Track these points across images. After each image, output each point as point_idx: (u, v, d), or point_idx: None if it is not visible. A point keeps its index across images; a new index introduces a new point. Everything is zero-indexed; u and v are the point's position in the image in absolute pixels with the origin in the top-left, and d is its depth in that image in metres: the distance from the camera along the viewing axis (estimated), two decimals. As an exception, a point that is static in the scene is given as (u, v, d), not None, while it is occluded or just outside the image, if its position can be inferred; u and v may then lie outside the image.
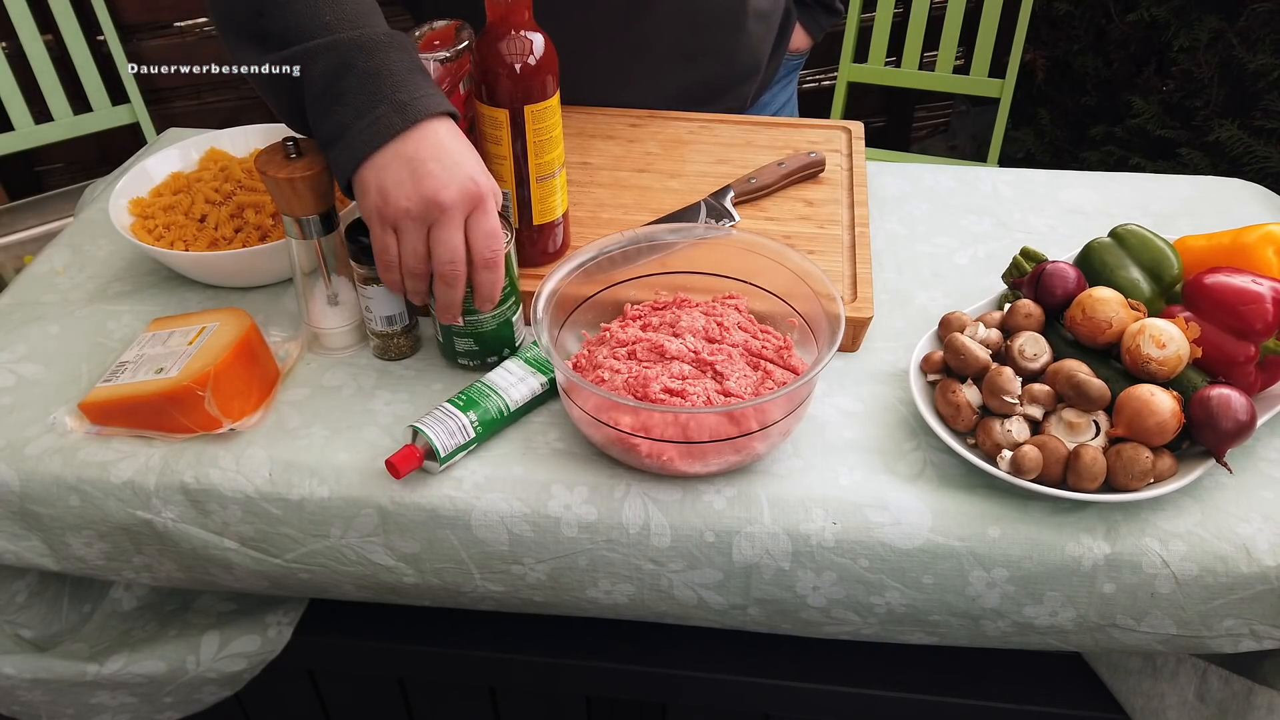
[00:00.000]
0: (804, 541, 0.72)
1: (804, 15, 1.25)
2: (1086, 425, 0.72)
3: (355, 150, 0.70)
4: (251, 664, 0.88)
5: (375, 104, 0.70)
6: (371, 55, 0.71)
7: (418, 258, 0.71)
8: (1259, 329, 0.72)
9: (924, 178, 1.09)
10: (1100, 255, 0.82)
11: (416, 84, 0.71)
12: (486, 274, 0.73)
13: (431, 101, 0.71)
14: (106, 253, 0.97)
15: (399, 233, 0.71)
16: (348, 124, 0.70)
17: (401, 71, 0.71)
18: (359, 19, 0.73)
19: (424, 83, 0.72)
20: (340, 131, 0.70)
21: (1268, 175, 1.85)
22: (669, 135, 1.07)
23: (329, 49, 0.71)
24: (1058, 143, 2.40)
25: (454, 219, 0.70)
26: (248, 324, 0.80)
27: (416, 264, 0.72)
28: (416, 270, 0.72)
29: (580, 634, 0.90)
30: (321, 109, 0.71)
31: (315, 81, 0.71)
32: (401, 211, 0.69)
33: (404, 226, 0.70)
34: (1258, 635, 0.73)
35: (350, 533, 0.75)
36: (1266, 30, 1.84)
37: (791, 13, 1.19)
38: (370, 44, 0.71)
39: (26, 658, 0.83)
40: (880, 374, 0.83)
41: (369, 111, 0.70)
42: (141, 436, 0.77)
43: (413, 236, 0.70)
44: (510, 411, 0.77)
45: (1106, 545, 0.70)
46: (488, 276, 0.73)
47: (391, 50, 0.71)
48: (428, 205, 0.69)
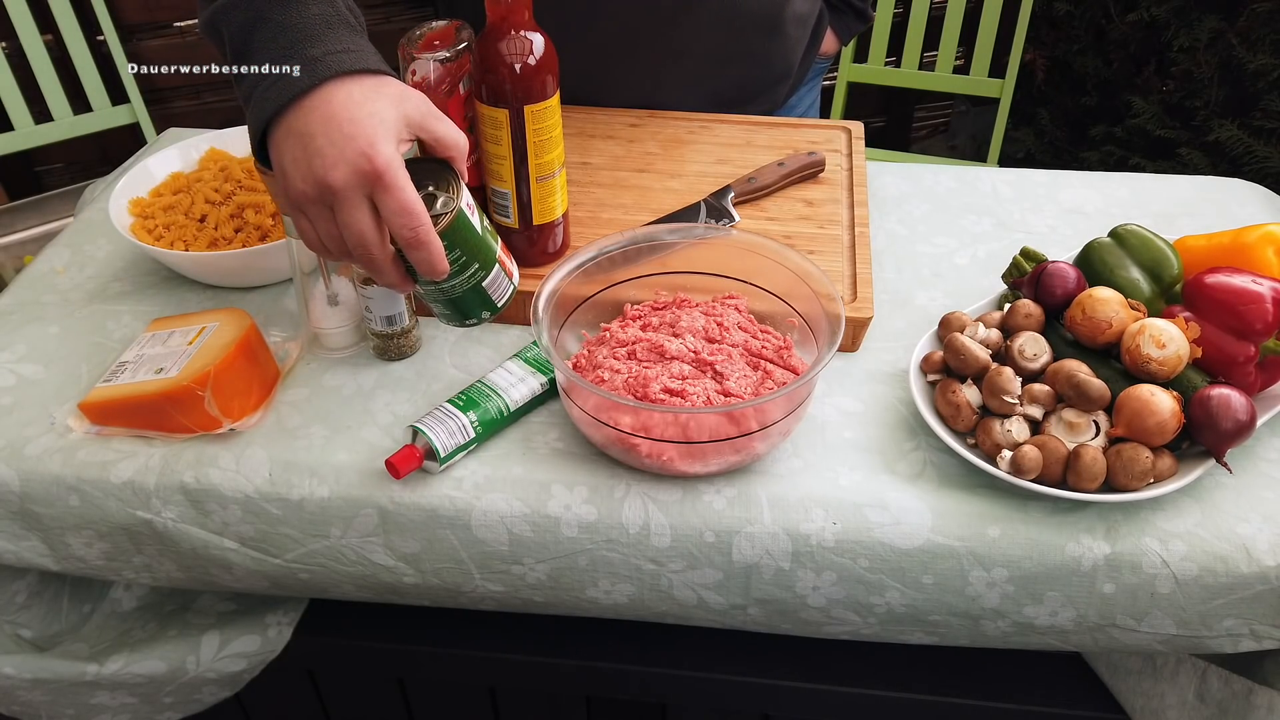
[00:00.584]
0: (804, 541, 0.72)
1: (835, 20, 1.26)
2: (1086, 425, 0.72)
3: (258, 114, 0.64)
4: (251, 664, 0.88)
5: (285, 59, 0.63)
6: (288, 7, 0.64)
7: (333, 240, 0.64)
8: (1259, 329, 0.72)
9: (924, 178, 1.09)
10: (1100, 255, 0.82)
11: (335, 39, 0.64)
12: (415, 253, 0.64)
13: (346, 58, 0.63)
14: (106, 253, 0.97)
15: (306, 216, 0.64)
16: (254, 83, 0.64)
17: (318, 24, 0.64)
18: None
19: (345, 37, 0.65)
20: (248, 93, 0.64)
21: (1268, 175, 1.85)
22: (669, 135, 1.07)
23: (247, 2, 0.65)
24: (1058, 143, 2.40)
25: (350, 200, 0.62)
26: (248, 324, 0.80)
27: (335, 246, 0.64)
28: (338, 252, 0.65)
29: (580, 634, 0.90)
30: (237, 71, 0.66)
31: (233, 38, 0.66)
32: (299, 194, 0.63)
33: (308, 210, 0.64)
34: (1258, 635, 0.73)
35: (350, 533, 0.75)
36: (1266, 30, 1.84)
37: (825, 16, 1.19)
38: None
39: (26, 658, 0.83)
40: (880, 374, 0.83)
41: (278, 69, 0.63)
42: (141, 436, 0.77)
43: (320, 219, 0.64)
44: (510, 412, 0.77)
45: (1106, 545, 0.70)
46: (418, 255, 0.64)
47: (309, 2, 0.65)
48: (320, 188, 0.62)
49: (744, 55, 1.09)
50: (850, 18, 1.29)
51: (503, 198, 0.84)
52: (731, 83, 1.11)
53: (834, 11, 1.25)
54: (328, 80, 0.62)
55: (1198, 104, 2.00)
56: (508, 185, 0.83)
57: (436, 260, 0.65)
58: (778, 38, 1.10)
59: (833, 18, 1.25)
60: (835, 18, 1.26)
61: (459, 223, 0.67)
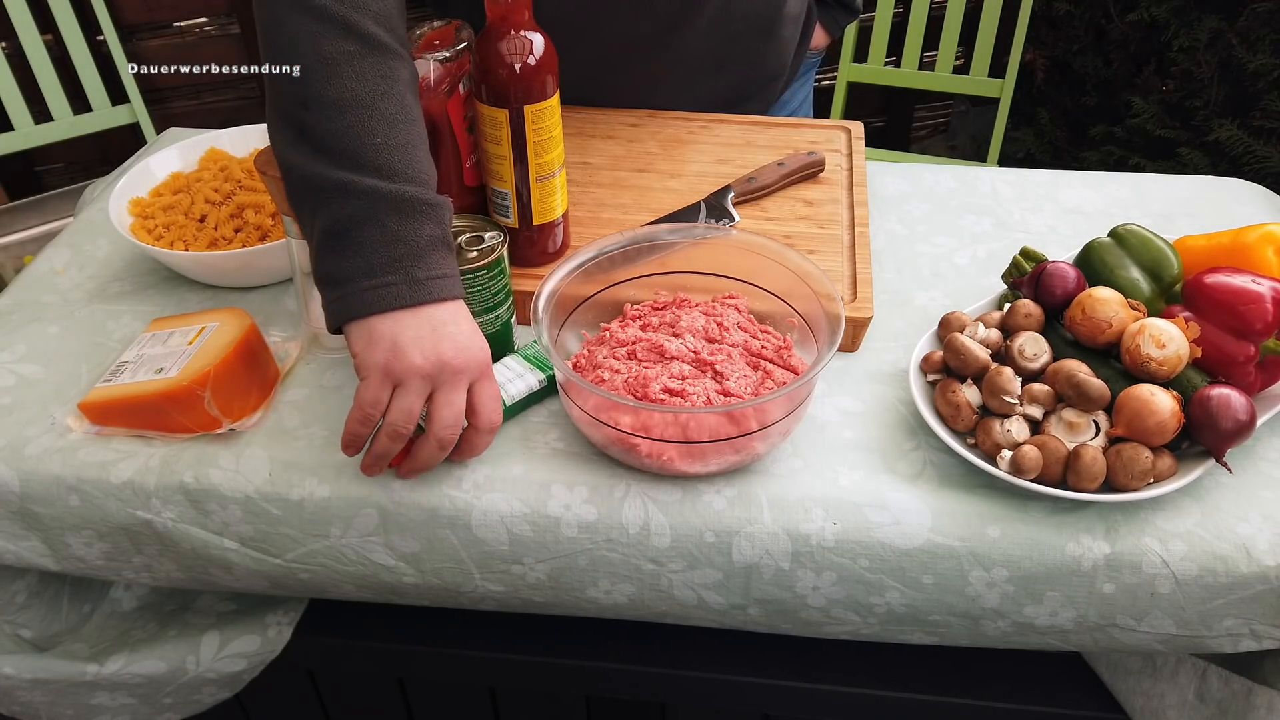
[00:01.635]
0: (804, 541, 0.72)
1: (823, 14, 1.26)
2: (1086, 425, 0.72)
3: (356, 308, 0.67)
4: (251, 664, 0.88)
5: (390, 269, 0.67)
6: (405, 219, 0.67)
7: (409, 417, 0.67)
8: (1259, 329, 0.72)
9: (924, 178, 1.09)
10: (1100, 255, 0.82)
11: (437, 261, 0.68)
12: (487, 436, 0.71)
13: (446, 284, 0.68)
14: (106, 253, 0.97)
15: (399, 389, 0.67)
16: (355, 277, 0.67)
17: (426, 245, 0.68)
18: (405, 157, 0.69)
19: (444, 261, 0.69)
20: (345, 280, 0.67)
21: (1268, 175, 1.85)
22: (669, 135, 1.07)
23: (364, 195, 0.67)
24: (1057, 143, 2.40)
25: (463, 383, 0.68)
26: (248, 324, 0.80)
27: (406, 424, 0.67)
28: (402, 432, 0.68)
29: (580, 634, 0.90)
30: (331, 246, 0.68)
31: (338, 218, 0.67)
32: (414, 369, 0.66)
33: (409, 384, 0.67)
34: (1258, 635, 0.73)
35: (350, 532, 0.75)
36: (1266, 30, 1.84)
37: (813, 11, 1.20)
38: (406, 205, 0.68)
39: (26, 658, 0.83)
40: (880, 374, 0.83)
41: (382, 274, 0.66)
42: (141, 436, 0.77)
43: (413, 395, 0.67)
44: (506, 407, 0.77)
45: (1106, 545, 0.70)
46: (486, 440, 0.71)
47: (425, 219, 0.68)
48: (442, 366, 0.66)
49: (740, 58, 1.09)
50: (838, 11, 1.29)
51: (503, 198, 0.84)
52: (727, 85, 1.11)
53: (822, 6, 1.25)
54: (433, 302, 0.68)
55: (1198, 104, 2.00)
56: (508, 185, 0.83)
57: (482, 449, 0.73)
58: (773, 39, 1.10)
59: (821, 12, 1.25)
60: (823, 12, 1.26)
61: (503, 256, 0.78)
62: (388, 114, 0.68)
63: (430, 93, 0.81)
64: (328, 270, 0.68)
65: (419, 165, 0.70)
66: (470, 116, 0.84)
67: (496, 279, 0.78)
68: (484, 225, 0.80)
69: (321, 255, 0.68)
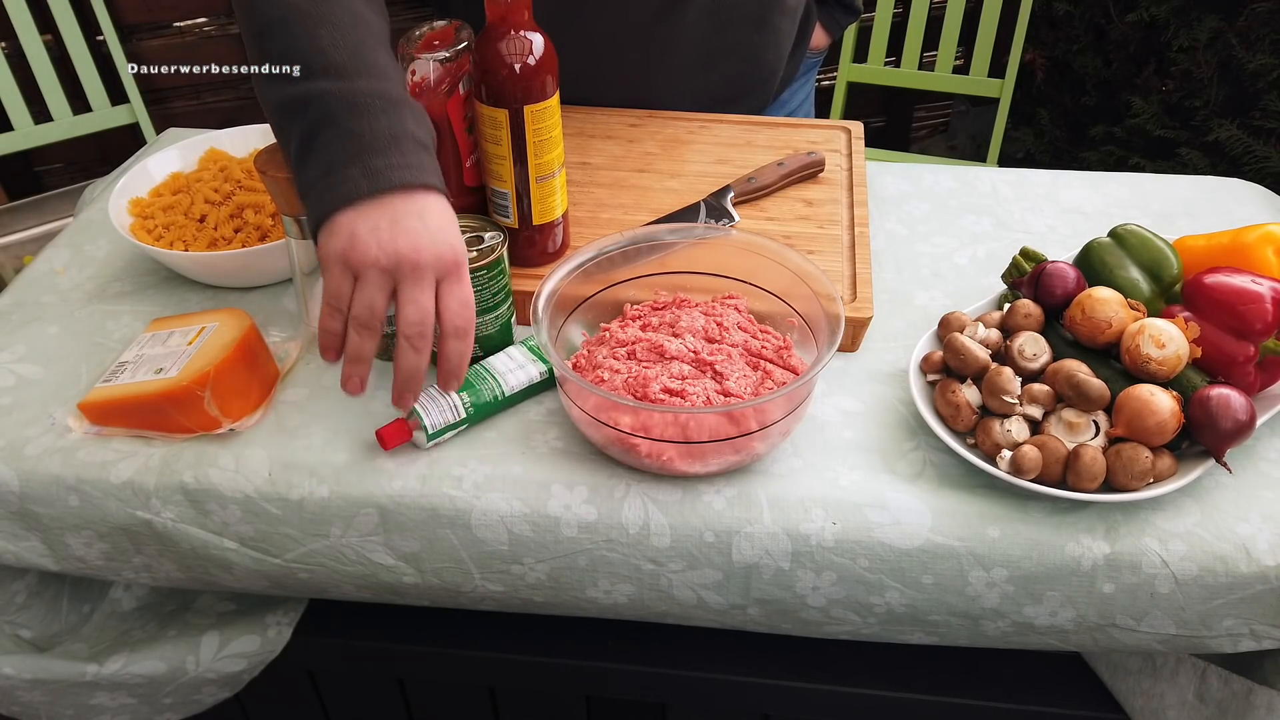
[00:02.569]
0: (804, 541, 0.72)
1: (823, 14, 1.26)
2: (1086, 425, 0.72)
3: (320, 208, 0.66)
4: (251, 664, 0.88)
5: (347, 164, 0.65)
6: (360, 116, 0.66)
7: (372, 311, 0.65)
8: (1259, 329, 0.72)
9: (924, 178, 1.09)
10: (1100, 255, 0.82)
11: (400, 152, 0.66)
12: (456, 343, 0.66)
13: (408, 173, 0.66)
14: (106, 253, 0.97)
15: (359, 281, 0.65)
16: (316, 181, 0.66)
17: (384, 136, 0.66)
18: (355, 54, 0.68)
19: (409, 152, 0.67)
20: (310, 187, 0.67)
21: (1268, 175, 1.85)
22: (668, 135, 1.07)
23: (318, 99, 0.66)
24: (1057, 143, 2.40)
25: (425, 278, 0.64)
26: (247, 324, 0.80)
27: (369, 317, 0.65)
28: (368, 323, 0.65)
29: (580, 634, 0.90)
30: (300, 163, 0.68)
31: (303, 134, 0.68)
32: (369, 259, 0.64)
33: (367, 276, 0.64)
34: (1257, 635, 0.73)
35: (350, 532, 0.75)
36: (1266, 30, 1.84)
37: (813, 10, 1.20)
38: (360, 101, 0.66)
39: (26, 658, 0.83)
40: (880, 374, 0.83)
41: (340, 170, 0.65)
42: (141, 436, 0.77)
43: (372, 288, 0.64)
44: (505, 397, 0.77)
45: (1106, 545, 0.70)
46: (457, 346, 0.66)
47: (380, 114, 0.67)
48: (399, 259, 0.64)
49: (733, 50, 1.09)
50: (839, 11, 1.29)
51: (502, 198, 0.84)
52: (722, 78, 1.11)
53: (822, 6, 1.25)
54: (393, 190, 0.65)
55: (1197, 104, 2.00)
56: (507, 185, 0.83)
57: (468, 354, 0.67)
58: (766, 31, 1.10)
59: (821, 12, 1.25)
60: (823, 12, 1.26)
61: (502, 256, 0.78)
62: (329, 17, 0.69)
63: (430, 93, 0.81)
64: (300, 187, 0.68)
65: (370, 59, 0.69)
66: (470, 116, 0.84)
67: (496, 279, 0.78)
68: (484, 225, 0.80)
69: (297, 175, 0.69)
